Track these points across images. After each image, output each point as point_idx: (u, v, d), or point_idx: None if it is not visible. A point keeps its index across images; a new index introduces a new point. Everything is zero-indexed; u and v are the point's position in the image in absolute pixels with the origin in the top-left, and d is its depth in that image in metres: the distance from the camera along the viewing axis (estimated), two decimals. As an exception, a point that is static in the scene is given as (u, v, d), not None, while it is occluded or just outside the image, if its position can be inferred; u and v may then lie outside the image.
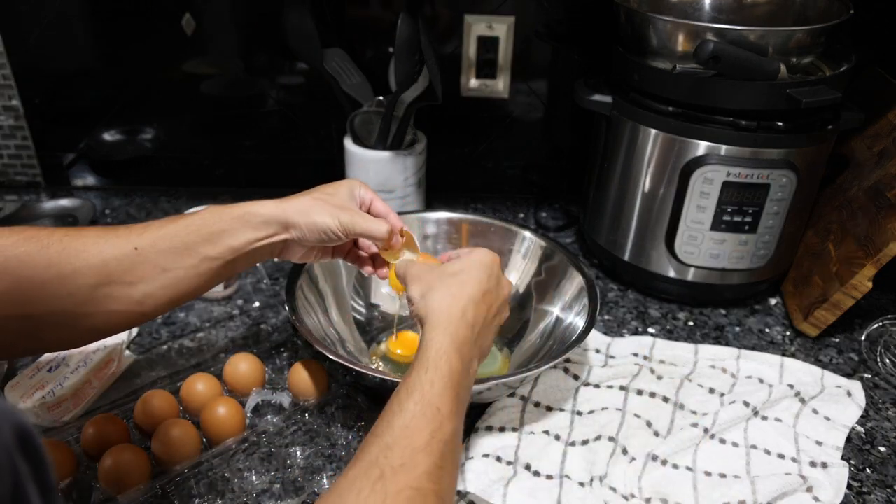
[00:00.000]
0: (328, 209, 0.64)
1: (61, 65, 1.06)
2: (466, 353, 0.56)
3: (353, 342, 0.82)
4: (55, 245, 0.53)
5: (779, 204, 0.83)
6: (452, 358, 0.54)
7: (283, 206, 0.64)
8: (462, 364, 0.55)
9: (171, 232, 0.59)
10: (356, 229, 0.65)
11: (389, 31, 0.93)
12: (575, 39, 1.05)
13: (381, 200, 0.72)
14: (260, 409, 0.74)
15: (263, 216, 0.63)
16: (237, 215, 0.62)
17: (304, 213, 0.64)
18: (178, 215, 0.61)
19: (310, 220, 0.64)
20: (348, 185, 0.69)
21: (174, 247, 0.58)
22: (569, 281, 0.81)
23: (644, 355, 0.83)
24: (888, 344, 0.85)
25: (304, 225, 0.64)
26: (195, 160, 1.16)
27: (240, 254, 0.62)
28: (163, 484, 0.63)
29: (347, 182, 0.70)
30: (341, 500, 0.44)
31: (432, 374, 0.52)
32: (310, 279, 0.80)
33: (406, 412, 0.50)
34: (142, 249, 0.57)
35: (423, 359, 0.54)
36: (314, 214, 0.64)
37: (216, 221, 0.61)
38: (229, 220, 0.61)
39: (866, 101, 0.88)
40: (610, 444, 0.69)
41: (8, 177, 1.16)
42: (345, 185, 0.69)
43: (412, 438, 0.48)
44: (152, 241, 0.58)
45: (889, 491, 0.68)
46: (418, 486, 0.45)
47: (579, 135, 1.08)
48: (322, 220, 0.64)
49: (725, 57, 0.75)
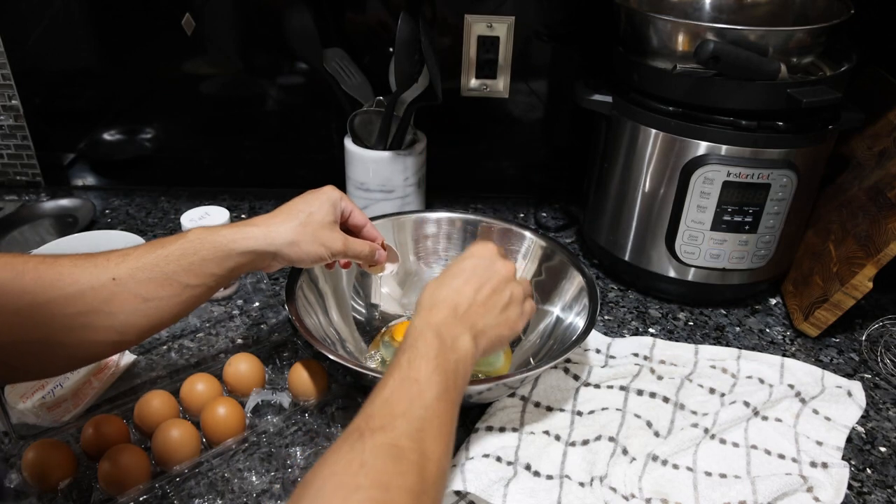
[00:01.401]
0: (315, 236, 0.66)
1: (61, 65, 1.06)
2: (446, 331, 0.57)
3: (353, 342, 0.82)
4: (30, 273, 0.52)
5: (779, 204, 0.83)
6: (428, 336, 0.55)
7: (270, 234, 0.64)
8: (440, 340, 0.55)
9: (150, 262, 0.58)
10: (347, 254, 0.69)
11: (389, 31, 0.93)
12: (575, 39, 1.05)
13: (359, 211, 0.74)
14: (260, 409, 0.74)
15: (248, 246, 0.62)
16: (220, 244, 0.61)
17: (293, 243, 0.65)
18: (158, 241, 0.60)
19: (299, 251, 0.65)
20: (329, 200, 0.69)
21: (154, 277, 0.57)
22: (569, 281, 0.81)
23: (644, 355, 0.83)
24: (889, 344, 0.85)
25: (293, 254, 0.65)
26: (195, 160, 1.16)
27: (222, 279, 0.62)
28: (163, 484, 0.63)
29: (327, 194, 0.69)
30: (324, 461, 0.45)
31: (409, 354, 0.54)
32: (310, 279, 0.80)
33: (386, 388, 0.51)
34: (120, 279, 0.56)
35: (403, 345, 0.56)
36: (303, 245, 0.65)
37: (198, 250, 0.60)
38: (212, 248, 0.60)
39: (866, 101, 0.88)
40: (610, 444, 0.69)
41: (8, 177, 1.16)
42: (325, 200, 0.68)
43: (392, 407, 0.50)
44: (131, 271, 0.56)
45: (889, 491, 0.68)
46: (396, 443, 0.46)
47: (579, 135, 1.08)
48: (311, 249, 0.66)
49: (725, 57, 0.75)
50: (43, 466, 0.63)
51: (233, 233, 0.62)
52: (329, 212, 0.68)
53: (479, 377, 0.79)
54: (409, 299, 0.89)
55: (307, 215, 0.66)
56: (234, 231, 0.62)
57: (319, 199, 0.68)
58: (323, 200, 0.68)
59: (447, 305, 0.59)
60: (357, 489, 0.43)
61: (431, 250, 0.91)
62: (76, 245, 0.92)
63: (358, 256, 0.71)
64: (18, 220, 1.07)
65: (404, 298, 0.89)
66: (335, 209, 0.69)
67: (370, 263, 0.74)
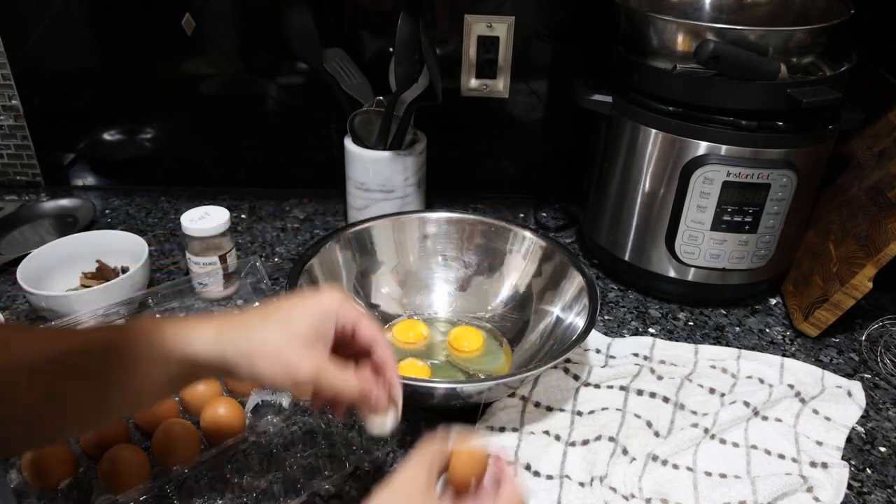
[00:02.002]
0: (278, 354, 0.49)
1: (61, 65, 1.06)
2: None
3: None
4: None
5: (779, 204, 0.83)
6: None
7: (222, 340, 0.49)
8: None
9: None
10: (320, 385, 0.51)
11: (389, 31, 0.93)
12: (575, 39, 1.05)
13: (369, 322, 0.55)
14: (260, 409, 0.74)
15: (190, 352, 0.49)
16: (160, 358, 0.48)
17: (246, 357, 0.49)
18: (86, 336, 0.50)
19: (251, 370, 0.49)
20: (319, 308, 0.52)
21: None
22: (569, 281, 0.81)
23: (644, 355, 0.83)
24: (888, 344, 0.85)
25: (245, 372, 0.50)
26: (195, 160, 1.16)
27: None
28: (163, 484, 0.63)
29: (323, 301, 0.53)
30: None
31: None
32: (310, 279, 0.80)
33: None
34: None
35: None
36: (258, 362, 0.49)
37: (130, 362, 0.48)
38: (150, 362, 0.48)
39: (866, 101, 0.88)
40: (610, 444, 0.69)
41: (8, 177, 1.16)
42: (315, 309, 0.52)
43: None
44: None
45: (889, 491, 0.68)
46: None
47: (579, 135, 1.08)
48: (268, 369, 0.49)
49: (725, 57, 0.75)
50: (43, 466, 0.62)
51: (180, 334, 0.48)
52: (312, 325, 0.51)
53: (479, 377, 0.79)
54: (409, 299, 0.89)
55: (281, 324, 0.50)
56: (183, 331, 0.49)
57: (308, 306, 0.52)
58: (312, 308, 0.52)
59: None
60: None
61: (432, 250, 0.91)
62: (76, 245, 0.92)
63: (337, 393, 0.51)
64: (18, 220, 1.07)
65: (404, 298, 0.89)
66: (325, 322, 0.52)
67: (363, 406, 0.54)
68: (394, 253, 0.90)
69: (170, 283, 0.85)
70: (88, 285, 0.88)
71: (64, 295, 0.84)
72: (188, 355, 0.49)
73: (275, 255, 1.02)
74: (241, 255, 1.01)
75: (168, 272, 0.98)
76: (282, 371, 0.49)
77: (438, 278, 0.91)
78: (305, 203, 1.16)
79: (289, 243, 1.05)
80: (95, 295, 0.82)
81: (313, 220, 1.12)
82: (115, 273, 0.91)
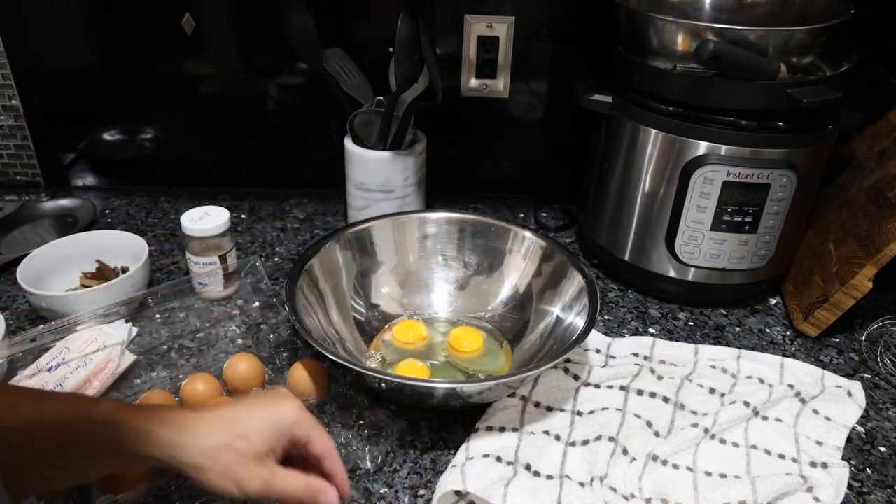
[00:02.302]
0: (229, 469, 0.52)
1: (61, 65, 1.06)
2: None
3: (353, 342, 0.82)
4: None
5: (779, 204, 0.83)
6: None
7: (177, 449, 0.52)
8: None
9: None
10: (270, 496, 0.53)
11: (389, 31, 0.93)
12: (575, 39, 1.05)
13: (322, 439, 0.57)
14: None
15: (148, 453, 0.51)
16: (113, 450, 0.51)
17: (199, 469, 0.52)
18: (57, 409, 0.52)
19: (204, 480, 0.52)
20: (276, 423, 0.55)
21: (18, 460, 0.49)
22: (569, 281, 0.81)
23: (644, 355, 0.83)
24: (889, 344, 0.85)
25: (197, 479, 0.52)
26: (195, 160, 1.16)
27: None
28: (163, 484, 0.63)
29: (281, 414, 0.55)
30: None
31: None
32: (310, 279, 0.80)
33: None
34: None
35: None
36: (210, 475, 0.52)
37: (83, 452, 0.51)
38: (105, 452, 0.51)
39: (866, 101, 0.88)
40: (610, 444, 0.69)
41: (8, 177, 1.16)
42: (272, 423, 0.54)
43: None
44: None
45: (889, 491, 0.68)
46: None
47: (579, 135, 1.08)
48: (219, 483, 0.52)
49: (725, 57, 0.75)
50: (43, 466, 0.62)
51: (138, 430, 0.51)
52: (267, 441, 0.54)
53: (479, 377, 0.79)
54: (409, 299, 0.89)
55: (236, 437, 0.53)
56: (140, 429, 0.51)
57: (266, 418, 0.55)
58: (269, 422, 0.54)
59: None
60: None
61: (432, 250, 0.91)
62: (76, 245, 0.92)
63: (290, 498, 0.54)
64: (18, 220, 1.07)
65: (404, 298, 0.89)
66: (279, 437, 0.54)
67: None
68: (394, 253, 0.90)
69: (170, 283, 0.85)
70: (88, 285, 0.88)
71: (64, 295, 0.84)
72: (141, 454, 0.51)
73: (275, 255, 1.03)
74: (241, 255, 1.01)
75: (168, 272, 0.98)
76: (232, 485, 0.52)
77: (438, 278, 0.91)
78: (305, 203, 1.16)
79: (289, 243, 1.05)
80: (95, 295, 0.82)
81: (313, 220, 1.12)
82: (115, 273, 0.91)
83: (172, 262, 1.00)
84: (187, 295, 0.86)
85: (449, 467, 0.67)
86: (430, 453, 0.70)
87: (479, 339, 0.84)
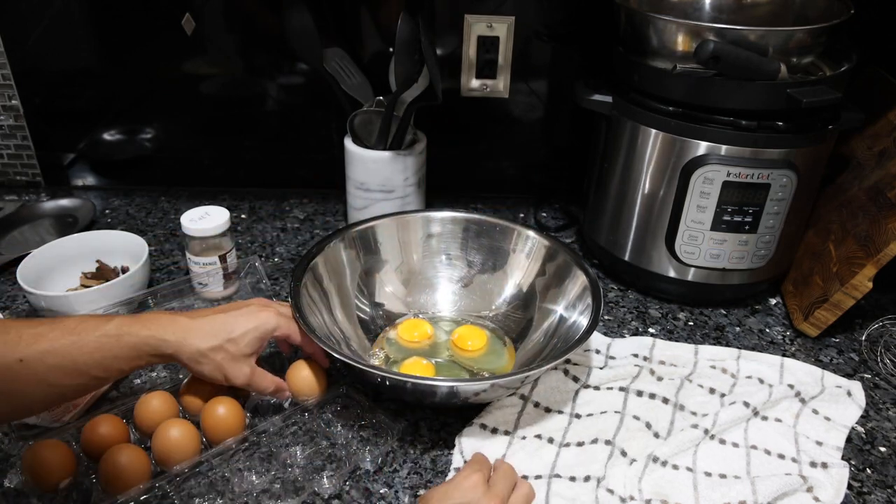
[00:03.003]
0: (220, 365, 0.66)
1: (61, 65, 1.06)
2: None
3: (357, 340, 0.82)
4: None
5: (779, 204, 0.83)
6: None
7: (182, 345, 0.64)
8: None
9: (62, 348, 0.57)
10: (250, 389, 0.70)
11: (389, 31, 0.93)
12: (575, 39, 1.05)
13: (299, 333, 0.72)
14: (259, 408, 0.74)
15: (160, 350, 0.63)
16: (135, 345, 0.61)
17: (196, 361, 0.65)
18: (75, 325, 0.59)
19: (199, 369, 0.65)
20: (259, 329, 0.68)
21: (63, 365, 0.57)
22: (572, 280, 0.81)
23: (644, 356, 0.82)
24: (889, 344, 0.85)
25: (194, 368, 0.66)
26: (195, 160, 1.16)
27: (127, 373, 0.64)
28: (163, 484, 0.63)
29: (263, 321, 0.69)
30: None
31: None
32: (314, 278, 0.80)
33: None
34: (27, 361, 0.55)
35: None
36: (205, 367, 0.65)
37: (113, 347, 0.60)
38: (126, 348, 0.61)
39: (866, 101, 0.88)
40: (607, 447, 0.69)
41: (8, 177, 1.16)
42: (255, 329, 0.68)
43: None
44: (40, 354, 0.56)
45: (889, 491, 0.68)
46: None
47: (579, 135, 1.08)
48: (211, 373, 0.66)
49: (725, 57, 0.75)
50: (43, 466, 0.62)
51: (150, 334, 0.62)
52: (251, 343, 0.68)
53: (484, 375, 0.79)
54: (413, 298, 0.89)
55: (226, 340, 0.66)
56: (152, 333, 0.62)
57: (250, 325, 0.68)
58: (253, 327, 0.68)
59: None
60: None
61: (436, 249, 0.91)
62: (76, 245, 0.92)
63: (261, 392, 0.71)
64: (18, 220, 1.07)
65: (408, 297, 0.89)
66: (260, 341, 0.69)
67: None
68: (398, 252, 0.90)
69: (170, 283, 0.85)
70: (88, 285, 0.88)
71: (64, 295, 0.84)
72: (156, 353, 0.63)
73: (275, 255, 1.02)
74: (241, 255, 1.01)
75: (168, 272, 0.98)
76: (221, 377, 0.67)
77: (442, 277, 0.91)
78: (305, 203, 1.16)
79: (289, 243, 1.05)
80: (95, 295, 0.82)
81: (313, 220, 1.12)
82: (115, 273, 0.91)
83: (172, 262, 1.00)
84: (187, 295, 0.86)
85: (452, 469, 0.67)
86: (430, 453, 0.70)
87: (483, 337, 0.84)
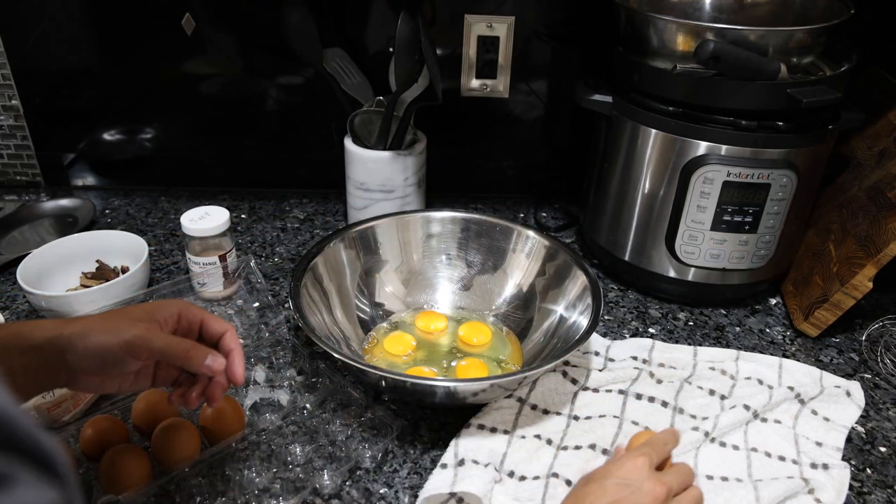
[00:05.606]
0: (109, 325, 0.54)
1: (61, 65, 1.06)
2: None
3: (357, 340, 0.82)
4: None
5: (779, 204, 0.83)
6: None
7: (64, 324, 0.54)
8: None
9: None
10: (151, 349, 0.54)
11: (389, 31, 0.93)
12: (575, 39, 1.05)
13: (214, 318, 0.60)
14: (259, 407, 0.74)
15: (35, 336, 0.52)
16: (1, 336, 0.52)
17: (83, 335, 0.53)
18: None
19: (86, 343, 0.53)
20: (158, 306, 0.58)
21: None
22: (572, 280, 0.81)
23: (643, 359, 0.82)
24: (889, 344, 0.85)
25: (81, 347, 0.53)
26: (195, 160, 1.16)
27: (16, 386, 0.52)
28: (163, 484, 0.63)
29: (164, 302, 0.59)
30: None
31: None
32: (314, 277, 0.80)
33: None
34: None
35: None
36: (92, 335, 0.53)
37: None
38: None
39: (866, 101, 0.88)
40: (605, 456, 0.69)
41: (8, 177, 1.16)
42: (152, 306, 0.58)
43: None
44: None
45: (890, 491, 0.68)
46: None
47: (579, 135, 1.08)
48: (101, 339, 0.53)
49: (725, 57, 0.75)
50: (43, 466, 0.62)
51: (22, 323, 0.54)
52: (146, 311, 0.57)
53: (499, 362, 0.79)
54: (413, 298, 0.89)
55: (117, 313, 0.57)
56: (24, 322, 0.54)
57: (147, 304, 0.59)
58: (150, 306, 0.59)
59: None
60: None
61: (436, 249, 0.91)
62: (76, 245, 0.92)
63: (171, 356, 0.55)
64: (18, 220, 1.07)
65: (408, 297, 0.89)
66: (159, 309, 0.58)
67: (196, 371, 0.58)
68: (398, 252, 0.90)
69: (170, 283, 0.85)
70: (88, 285, 0.88)
71: (64, 295, 0.84)
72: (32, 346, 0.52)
73: (275, 255, 1.02)
74: (241, 254, 1.01)
75: (168, 272, 0.98)
76: (112, 338, 0.53)
77: (442, 277, 0.91)
78: (305, 203, 1.16)
79: (289, 243, 1.05)
80: (95, 295, 0.82)
81: (313, 220, 1.12)
82: (115, 273, 0.91)
83: (172, 262, 1.00)
84: (187, 295, 0.86)
85: (438, 466, 0.67)
86: (430, 453, 0.70)
87: (487, 333, 0.84)
